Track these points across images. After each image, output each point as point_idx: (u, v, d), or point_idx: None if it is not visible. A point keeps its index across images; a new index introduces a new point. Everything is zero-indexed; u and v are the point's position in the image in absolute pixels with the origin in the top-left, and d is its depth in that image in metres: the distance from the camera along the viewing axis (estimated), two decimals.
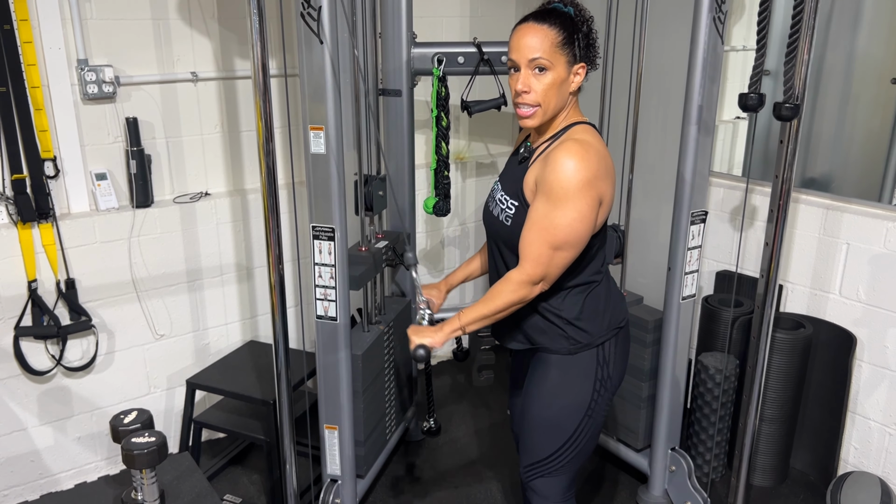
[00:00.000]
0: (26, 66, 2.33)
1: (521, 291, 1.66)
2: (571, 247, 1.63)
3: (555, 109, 1.67)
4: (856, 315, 2.58)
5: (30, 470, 2.59)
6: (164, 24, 2.61)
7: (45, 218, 2.42)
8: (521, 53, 1.62)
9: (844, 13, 2.69)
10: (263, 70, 1.88)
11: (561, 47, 1.61)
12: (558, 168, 1.58)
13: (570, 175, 1.57)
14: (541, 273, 1.64)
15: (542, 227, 1.61)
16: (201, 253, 2.81)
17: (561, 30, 1.61)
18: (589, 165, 1.58)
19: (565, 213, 1.58)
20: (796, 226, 2.71)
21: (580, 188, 1.58)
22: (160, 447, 1.38)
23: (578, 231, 1.61)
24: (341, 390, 2.31)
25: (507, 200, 1.73)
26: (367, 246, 2.51)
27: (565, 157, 1.58)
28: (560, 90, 1.64)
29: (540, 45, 1.60)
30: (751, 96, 2.02)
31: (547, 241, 1.61)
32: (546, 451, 1.80)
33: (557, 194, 1.58)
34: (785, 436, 2.69)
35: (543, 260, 1.62)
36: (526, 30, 1.63)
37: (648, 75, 2.50)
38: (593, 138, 1.67)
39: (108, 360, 2.67)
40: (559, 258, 1.63)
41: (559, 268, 1.65)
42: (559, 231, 1.60)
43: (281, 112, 2.84)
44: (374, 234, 2.60)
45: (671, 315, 2.40)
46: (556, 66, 1.62)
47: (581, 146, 1.60)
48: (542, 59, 1.61)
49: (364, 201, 2.46)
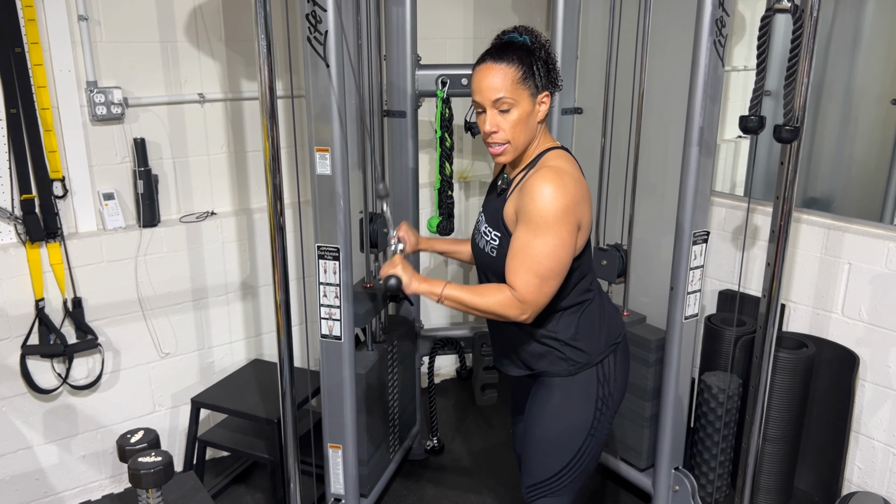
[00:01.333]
0: (37, 88, 2.36)
1: (507, 308, 1.65)
2: (556, 275, 1.64)
3: (525, 142, 1.69)
4: (858, 334, 2.59)
5: (35, 488, 2.60)
6: (172, 47, 2.65)
7: (53, 237, 2.45)
8: (483, 95, 1.64)
9: (844, 34, 2.72)
10: (271, 92, 1.91)
11: (522, 82, 1.62)
12: (536, 197, 1.59)
13: (548, 203, 1.58)
14: (530, 299, 1.63)
15: (525, 254, 1.62)
16: (207, 272, 2.83)
17: (519, 65, 1.62)
18: (566, 192, 1.59)
19: (546, 241, 1.59)
20: (798, 245, 2.72)
21: (559, 216, 1.59)
22: (166, 467, 1.38)
23: (561, 258, 1.62)
24: (345, 409, 2.32)
25: (491, 232, 1.75)
26: (372, 282, 2.55)
27: (542, 185, 1.59)
28: (528, 124, 1.66)
29: (501, 84, 1.61)
30: (751, 119, 2.04)
31: (531, 270, 1.61)
32: (549, 471, 1.80)
33: (537, 223, 1.59)
34: (788, 456, 2.68)
35: (531, 287, 1.62)
36: (486, 71, 1.64)
37: (650, 96, 2.53)
38: (567, 163, 1.68)
39: (113, 379, 2.68)
40: (547, 287, 1.63)
41: (546, 296, 1.65)
42: (543, 259, 1.60)
43: (287, 133, 2.87)
44: (378, 271, 2.64)
45: (674, 334, 2.41)
46: (521, 102, 1.63)
47: (556, 173, 1.62)
48: (505, 99, 1.62)
49: (369, 239, 2.50)
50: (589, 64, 2.91)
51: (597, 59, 2.75)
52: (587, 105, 2.89)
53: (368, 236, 2.49)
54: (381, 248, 2.53)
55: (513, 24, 1.76)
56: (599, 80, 2.67)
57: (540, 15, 3.48)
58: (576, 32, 2.72)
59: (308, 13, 1.99)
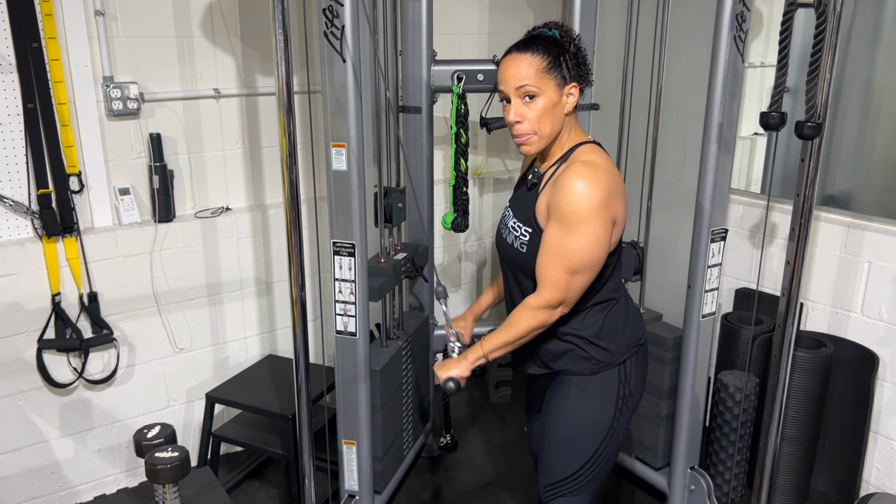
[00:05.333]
0: (53, 83, 2.37)
1: (540, 316, 1.66)
2: (588, 270, 1.63)
3: (551, 133, 1.67)
4: (878, 334, 2.56)
5: (50, 482, 2.61)
6: (188, 42, 2.65)
7: (70, 232, 2.45)
8: (508, 84, 1.64)
9: (864, 30, 2.69)
10: (287, 88, 1.90)
11: (547, 71, 1.61)
12: (569, 192, 1.58)
13: (581, 199, 1.57)
14: (559, 297, 1.64)
15: (557, 252, 1.61)
16: (221, 267, 2.84)
17: (545, 54, 1.61)
18: (600, 187, 1.57)
19: (580, 238, 1.58)
20: (817, 244, 2.69)
21: (593, 211, 1.57)
22: (183, 462, 1.39)
23: (594, 254, 1.61)
24: (360, 405, 2.31)
25: (521, 227, 1.73)
26: (386, 258, 2.53)
27: (575, 180, 1.58)
28: (553, 114, 1.64)
29: (526, 72, 1.61)
30: (772, 115, 2.02)
31: (563, 266, 1.61)
32: (567, 470, 1.79)
33: (570, 219, 1.58)
34: (806, 456, 2.66)
35: (561, 285, 1.62)
36: (510, 61, 1.64)
37: (668, 92, 2.51)
38: (600, 157, 1.66)
39: (128, 373, 2.69)
40: (577, 282, 1.63)
41: (577, 291, 1.65)
42: (575, 256, 1.59)
43: (303, 128, 2.87)
44: (392, 246, 2.61)
45: (691, 333, 2.39)
46: (546, 91, 1.62)
47: (589, 168, 1.60)
48: (529, 87, 1.61)
49: (383, 213, 2.48)
50: (606, 60, 2.89)
51: (614, 54, 2.73)
52: (604, 101, 2.87)
53: (383, 211, 2.48)
54: (395, 223, 2.51)
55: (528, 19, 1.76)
56: (617, 76, 2.65)
57: (556, 10, 3.45)
58: (593, 28, 2.70)
59: (325, 8, 1.98)
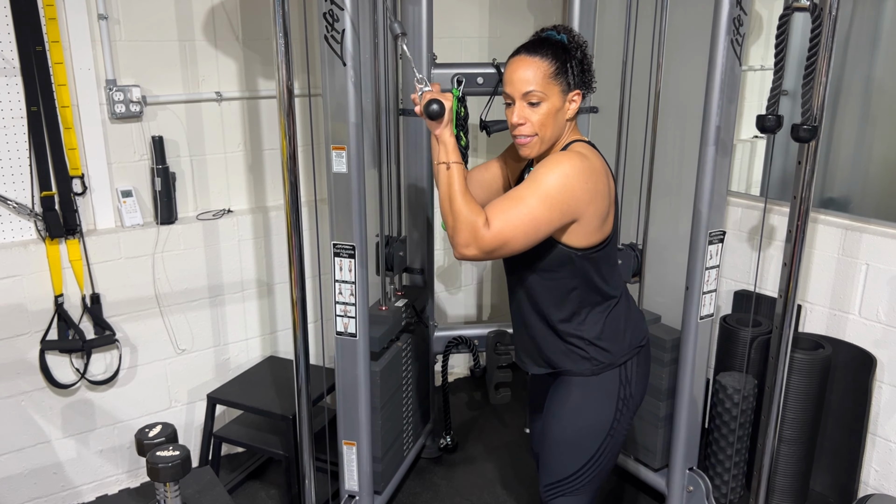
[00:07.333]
0: (57, 87, 2.39)
1: (465, 229, 1.56)
2: (523, 235, 1.56)
3: (552, 138, 1.68)
4: (875, 336, 2.57)
5: (52, 482, 2.63)
6: (191, 46, 2.67)
7: (73, 234, 2.47)
8: (514, 87, 1.64)
9: (863, 33, 2.70)
10: (288, 91, 1.92)
11: (554, 78, 1.62)
12: (549, 163, 1.60)
13: (556, 174, 1.57)
14: (487, 238, 1.55)
15: (512, 201, 1.57)
16: (223, 269, 2.85)
17: (553, 60, 1.62)
18: (578, 177, 1.57)
19: (535, 206, 1.55)
20: (815, 246, 2.70)
21: (558, 190, 1.56)
22: (184, 461, 1.40)
23: (538, 226, 1.56)
24: (360, 406, 2.33)
25: None
26: (388, 305, 2.58)
27: (560, 157, 1.60)
28: (556, 119, 1.66)
29: (533, 77, 1.62)
30: (768, 118, 2.03)
31: (509, 218, 1.55)
32: (568, 470, 1.80)
33: (538, 184, 1.57)
34: (804, 457, 2.67)
35: (495, 229, 1.55)
36: (518, 63, 1.64)
37: (666, 95, 2.52)
38: (592, 155, 1.67)
39: (130, 374, 2.71)
40: (506, 238, 1.56)
41: (499, 247, 1.57)
42: (522, 216, 1.55)
43: (304, 131, 2.88)
44: (393, 293, 2.67)
45: (689, 334, 2.40)
46: (551, 97, 1.63)
47: (579, 157, 1.61)
48: (535, 92, 1.62)
49: (384, 262, 2.51)
50: (605, 63, 2.90)
51: (613, 57, 2.75)
52: (603, 104, 2.88)
53: (384, 259, 2.50)
54: (396, 271, 2.54)
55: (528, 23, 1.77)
56: (615, 79, 2.66)
57: (556, 14, 3.47)
58: (592, 31, 2.72)
59: (325, 12, 2.00)
